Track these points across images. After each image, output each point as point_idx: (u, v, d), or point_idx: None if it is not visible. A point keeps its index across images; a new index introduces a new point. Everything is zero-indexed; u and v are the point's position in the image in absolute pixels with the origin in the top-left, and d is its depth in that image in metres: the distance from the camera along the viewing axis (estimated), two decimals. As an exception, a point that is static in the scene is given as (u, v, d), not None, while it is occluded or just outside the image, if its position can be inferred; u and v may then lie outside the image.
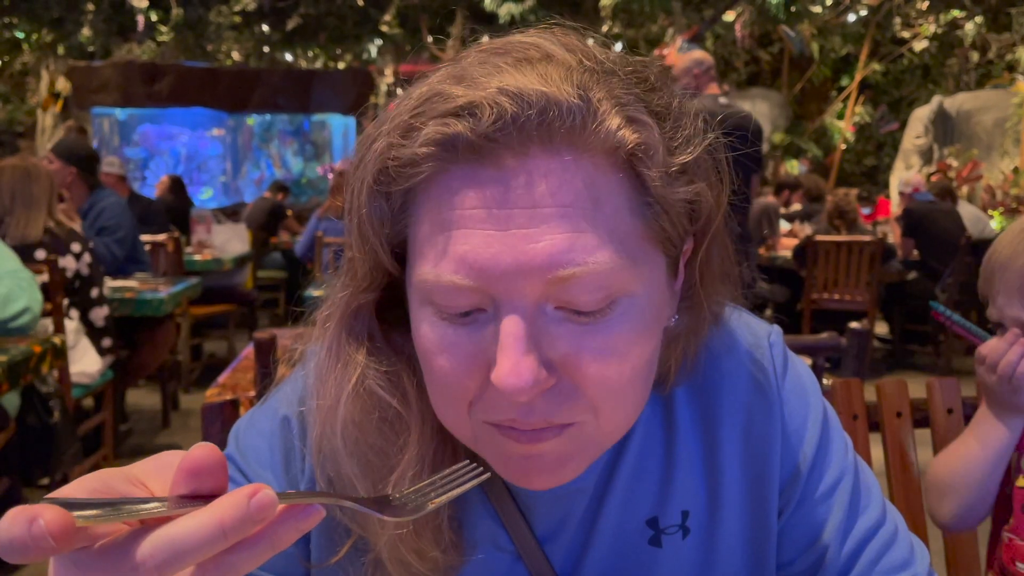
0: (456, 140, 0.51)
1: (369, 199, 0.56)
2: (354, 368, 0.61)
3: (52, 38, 10.62)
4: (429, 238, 0.54)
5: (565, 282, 0.52)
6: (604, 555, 0.69)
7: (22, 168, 3.37)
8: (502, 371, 0.51)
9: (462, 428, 0.59)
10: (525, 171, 0.51)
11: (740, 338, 0.73)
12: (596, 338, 0.54)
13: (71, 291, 3.42)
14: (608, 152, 0.53)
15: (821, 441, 0.72)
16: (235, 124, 11.11)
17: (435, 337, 0.55)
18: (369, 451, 0.61)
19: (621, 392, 0.56)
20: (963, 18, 10.95)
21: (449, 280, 0.53)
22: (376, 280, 0.60)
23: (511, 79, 0.52)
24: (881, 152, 14.36)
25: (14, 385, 2.55)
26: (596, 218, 0.52)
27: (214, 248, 5.89)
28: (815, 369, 1.88)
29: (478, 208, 0.52)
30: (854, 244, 5.56)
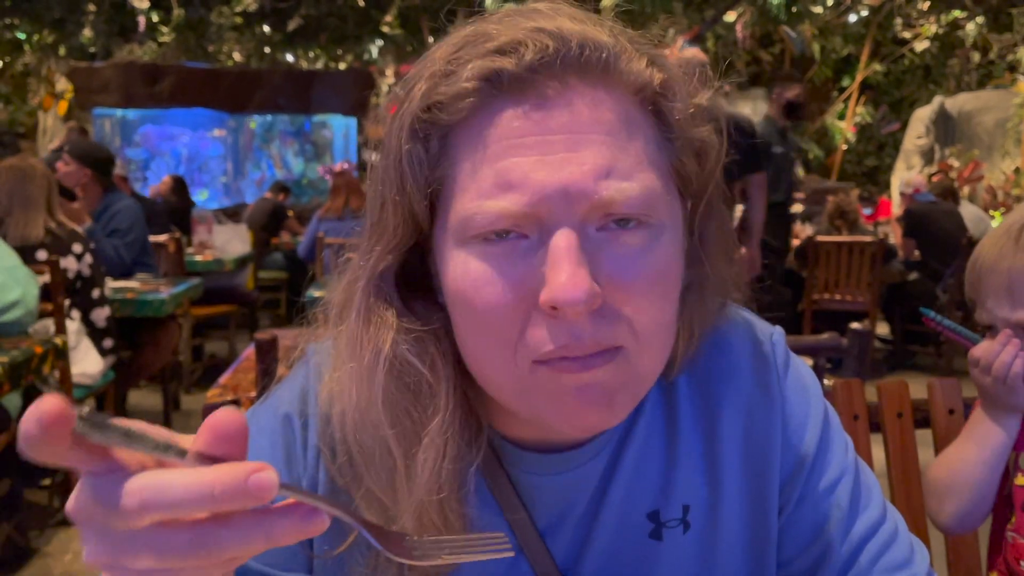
0: (501, 74, 0.55)
1: (407, 143, 0.57)
2: (387, 329, 0.62)
3: (53, 39, 10.63)
4: (473, 172, 0.56)
5: (611, 199, 0.54)
6: (605, 548, 0.70)
7: (18, 169, 3.37)
8: (557, 283, 0.52)
9: (508, 377, 0.58)
10: (565, 101, 0.55)
11: (743, 335, 0.74)
12: (637, 259, 0.56)
13: (72, 292, 3.42)
14: (636, 89, 0.58)
15: (822, 440, 0.72)
16: (236, 125, 11.11)
17: (477, 272, 0.56)
18: (404, 416, 0.61)
19: (658, 315, 0.58)
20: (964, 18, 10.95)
21: (497, 207, 0.54)
22: (405, 236, 0.61)
23: (545, 20, 0.56)
24: (882, 152, 14.35)
25: (15, 386, 2.56)
26: (631, 146, 0.56)
27: (215, 249, 5.89)
28: (816, 369, 1.88)
29: (524, 136, 0.55)
30: (855, 245, 5.56)
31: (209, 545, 0.40)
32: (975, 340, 1.14)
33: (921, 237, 5.98)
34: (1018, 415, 1.11)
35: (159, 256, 4.96)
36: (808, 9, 8.90)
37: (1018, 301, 1.07)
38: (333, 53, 11.96)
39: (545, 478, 0.69)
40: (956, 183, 9.24)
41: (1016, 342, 1.07)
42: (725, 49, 12.09)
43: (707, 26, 9.42)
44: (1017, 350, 1.07)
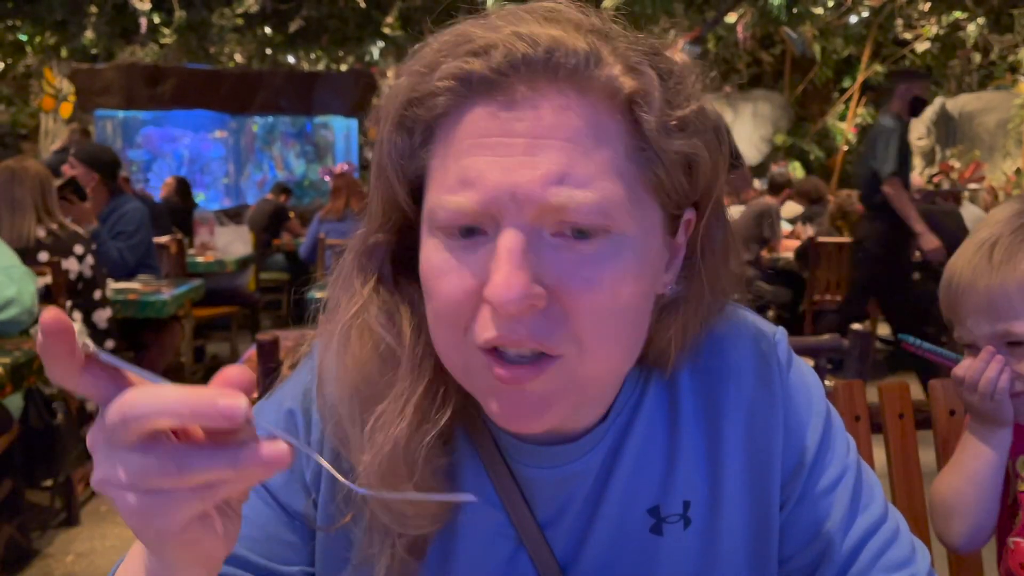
0: (471, 75, 0.56)
1: (392, 133, 0.61)
2: (357, 300, 0.66)
3: (55, 40, 10.63)
4: (441, 166, 0.59)
5: (561, 205, 0.55)
6: (605, 542, 0.71)
7: (7, 170, 3.37)
8: (494, 282, 0.55)
9: (455, 355, 0.61)
10: (531, 104, 0.56)
11: (746, 333, 0.75)
12: (588, 267, 0.57)
13: (74, 293, 3.42)
14: (609, 95, 0.57)
15: (823, 439, 0.73)
16: (238, 126, 11.11)
17: (438, 261, 0.59)
18: (361, 381, 0.65)
19: (606, 327, 0.58)
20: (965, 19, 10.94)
21: (454, 203, 0.57)
22: (390, 219, 0.64)
23: (524, 23, 0.58)
24: (883, 153, 14.34)
25: (17, 387, 2.56)
26: (595, 153, 0.56)
27: (217, 250, 5.89)
28: (817, 370, 1.88)
29: (486, 136, 0.56)
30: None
31: (178, 462, 0.43)
32: (956, 360, 1.15)
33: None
34: (1008, 427, 1.12)
35: (161, 257, 4.97)
36: (809, 10, 8.89)
37: (998, 316, 1.07)
38: (334, 55, 11.97)
39: (544, 471, 0.70)
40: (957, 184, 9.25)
41: (1000, 358, 1.08)
42: (726, 50, 12.10)
43: (708, 27, 9.42)
44: (1001, 366, 1.07)
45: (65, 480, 3.19)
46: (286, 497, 0.71)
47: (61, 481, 3.18)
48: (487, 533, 0.70)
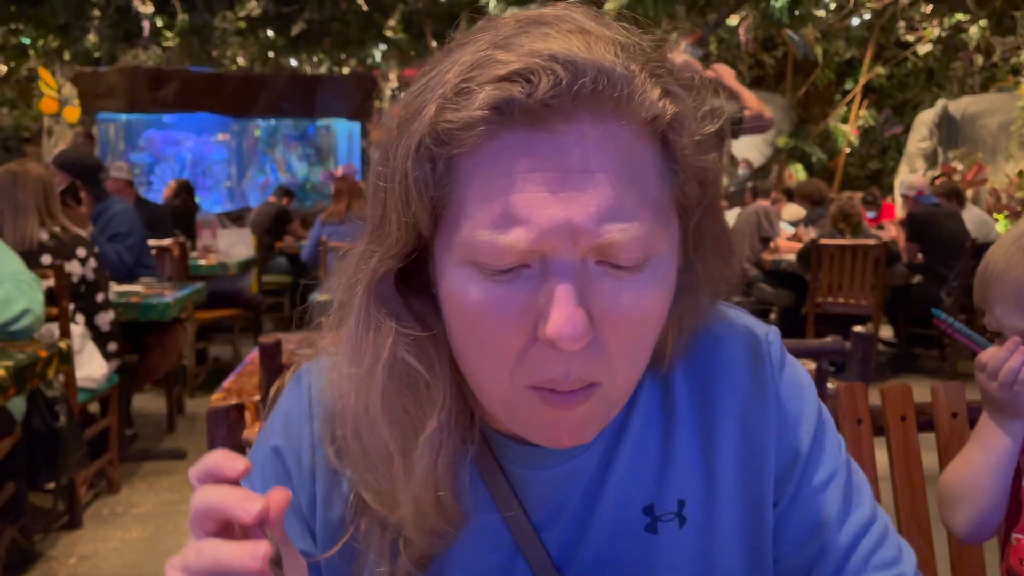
0: (512, 104, 0.53)
1: (415, 163, 0.56)
2: (386, 336, 0.63)
3: (58, 44, 10.66)
4: (480, 200, 0.56)
5: (612, 240, 0.55)
6: (600, 542, 0.71)
7: (9, 173, 3.37)
8: (557, 322, 0.54)
9: (499, 392, 0.60)
10: (576, 136, 0.54)
11: (739, 332, 0.75)
12: (631, 295, 0.57)
13: (77, 296, 3.43)
14: (647, 122, 0.56)
15: (815, 438, 0.74)
16: (240, 129, 11.13)
17: (479, 297, 0.57)
18: (402, 415, 0.64)
19: (639, 352, 0.61)
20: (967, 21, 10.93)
21: (502, 241, 0.55)
22: (408, 245, 0.61)
23: (559, 46, 0.54)
24: (885, 156, 14.34)
25: (20, 390, 2.56)
26: (635, 183, 0.56)
27: (219, 253, 5.90)
28: (819, 373, 1.88)
29: (532, 171, 0.54)
30: (859, 248, 5.56)
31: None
32: (983, 345, 1.14)
33: (924, 240, 5.97)
34: (1022, 421, 1.11)
35: (164, 260, 4.97)
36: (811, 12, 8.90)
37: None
38: (337, 58, 11.98)
39: (538, 472, 0.70)
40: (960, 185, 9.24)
41: (1023, 349, 1.08)
42: (728, 53, 12.10)
43: (710, 30, 9.42)
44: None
45: (68, 483, 3.20)
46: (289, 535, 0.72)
47: (64, 484, 3.19)
48: (482, 537, 0.70)
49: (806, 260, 5.71)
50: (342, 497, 0.70)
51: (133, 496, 3.63)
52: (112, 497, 3.60)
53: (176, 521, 3.35)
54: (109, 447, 3.62)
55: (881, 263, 5.49)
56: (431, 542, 0.66)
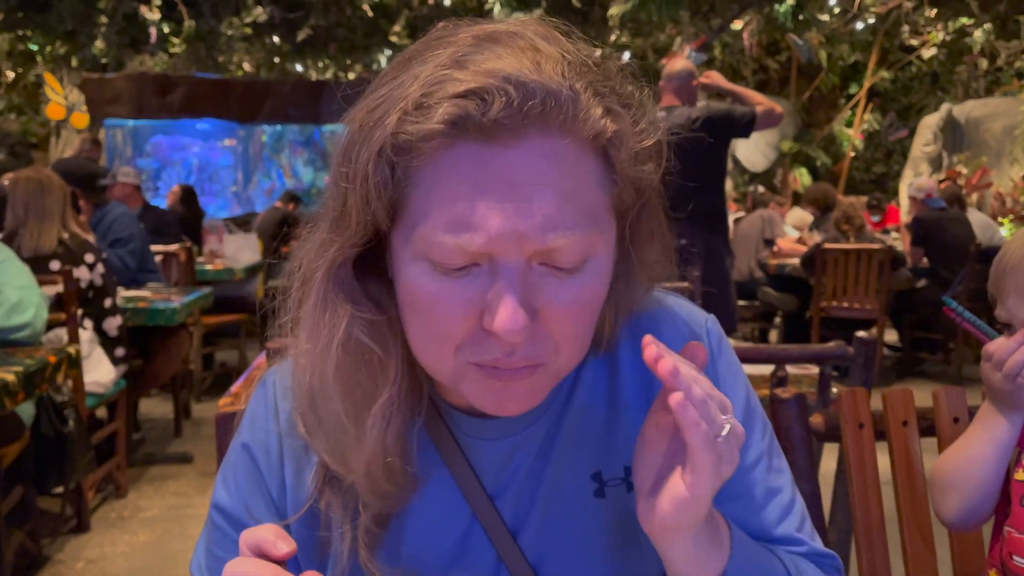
0: (467, 120, 0.58)
1: (375, 167, 0.62)
2: (342, 317, 0.68)
3: (65, 50, 10.70)
4: (436, 205, 0.61)
5: (555, 248, 0.61)
6: (552, 507, 0.76)
7: (35, 180, 3.41)
8: (501, 318, 0.60)
9: (444, 367, 0.67)
10: (524, 152, 0.60)
11: (680, 318, 0.81)
12: (571, 291, 0.63)
13: (85, 301, 3.45)
14: (590, 139, 0.62)
15: (743, 422, 0.79)
16: (246, 134, 11.17)
17: (432, 289, 0.63)
18: (356, 390, 0.70)
19: (580, 335, 0.67)
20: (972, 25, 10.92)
21: (455, 243, 0.60)
22: (366, 237, 0.66)
23: (511, 66, 0.59)
24: (890, 160, 14.32)
25: (30, 394, 2.59)
26: (577, 194, 0.62)
27: (226, 258, 5.92)
28: (822, 378, 1.89)
29: (484, 182, 0.60)
30: (863, 252, 5.55)
31: None
32: (992, 335, 1.15)
33: (930, 245, 5.97)
34: (1022, 415, 1.12)
35: (171, 265, 4.99)
36: (815, 17, 8.90)
37: None
38: (342, 63, 12.01)
39: (489, 442, 0.76)
40: (964, 190, 9.22)
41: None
42: (732, 57, 12.10)
43: (714, 35, 9.43)
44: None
45: (76, 487, 3.21)
46: None
47: (72, 488, 3.21)
48: (439, 506, 0.75)
49: (810, 264, 5.71)
50: (308, 476, 0.75)
51: (140, 500, 3.65)
52: (119, 501, 3.62)
53: (183, 525, 3.36)
54: (116, 451, 3.64)
55: (886, 267, 5.49)
56: (385, 503, 0.72)
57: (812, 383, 2.12)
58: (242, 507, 0.77)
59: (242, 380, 2.16)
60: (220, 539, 0.78)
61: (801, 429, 1.20)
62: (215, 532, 0.79)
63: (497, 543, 0.75)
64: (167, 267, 4.97)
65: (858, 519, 1.22)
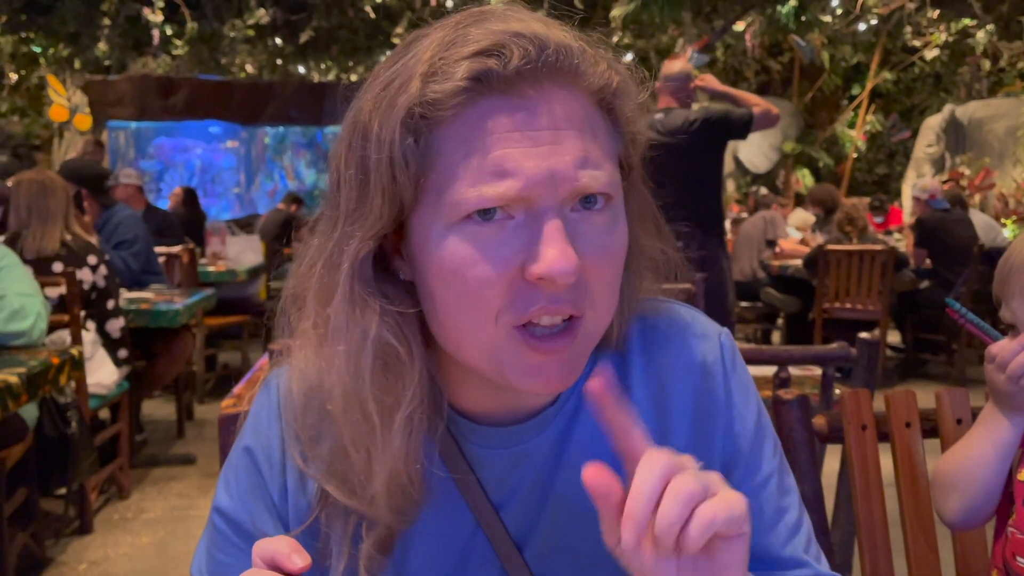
0: (490, 75, 0.60)
1: (402, 136, 0.62)
2: (372, 313, 0.66)
3: (68, 52, 10.71)
4: (466, 161, 0.61)
5: (587, 185, 0.62)
6: (559, 519, 0.74)
7: (38, 182, 3.42)
8: (551, 258, 0.60)
9: (484, 340, 0.64)
10: (543, 100, 0.62)
11: (695, 329, 0.80)
12: (603, 235, 0.65)
13: (88, 303, 3.46)
14: (598, 89, 0.65)
15: (756, 438, 0.78)
16: (249, 136, 11.18)
17: (468, 250, 0.62)
18: (384, 393, 0.67)
19: (612, 288, 0.67)
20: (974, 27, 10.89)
21: (493, 191, 0.61)
22: (390, 221, 0.65)
23: (518, 23, 0.63)
24: (893, 161, 14.31)
25: (33, 396, 2.59)
26: (596, 138, 0.65)
27: (228, 259, 5.93)
28: (825, 379, 1.89)
29: (511, 131, 0.61)
30: (865, 253, 5.55)
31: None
32: (996, 337, 1.15)
33: (933, 246, 5.96)
34: None
35: (174, 267, 5.00)
36: (817, 18, 8.89)
37: None
38: (345, 65, 12.02)
39: (495, 451, 0.74)
40: (967, 191, 9.21)
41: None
42: (735, 59, 12.10)
43: (716, 36, 9.43)
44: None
45: (79, 488, 3.22)
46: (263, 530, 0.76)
47: (75, 489, 3.21)
48: (443, 515, 0.74)
49: (813, 265, 5.71)
50: (311, 483, 0.74)
51: (143, 502, 3.65)
52: (122, 503, 3.63)
53: (185, 526, 3.36)
54: (119, 453, 3.65)
55: (888, 268, 5.49)
56: (397, 519, 0.70)
57: (815, 384, 2.12)
58: (243, 512, 0.76)
59: (244, 381, 2.16)
60: (221, 542, 0.78)
61: (804, 431, 1.20)
62: (216, 535, 0.78)
63: (501, 555, 0.74)
64: (170, 269, 4.98)
65: (861, 521, 1.22)
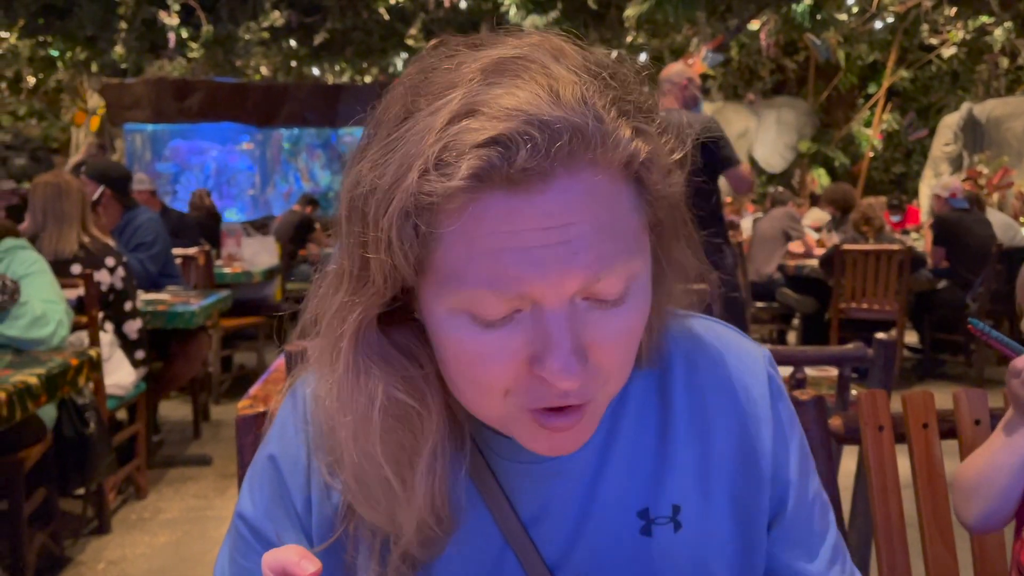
0: (492, 172, 0.55)
1: (400, 230, 0.58)
2: (377, 381, 0.65)
3: (86, 56, 10.81)
4: (467, 261, 0.57)
5: (599, 287, 0.58)
6: (594, 543, 0.71)
7: (53, 184, 3.44)
8: (554, 368, 0.58)
9: (492, 413, 0.64)
10: (554, 193, 0.56)
11: (739, 351, 0.78)
12: (618, 322, 0.61)
13: (106, 305, 3.48)
14: (622, 165, 0.59)
15: (802, 460, 0.77)
16: (264, 138, 11.24)
17: (474, 343, 0.60)
18: (398, 449, 0.66)
19: (627, 364, 0.65)
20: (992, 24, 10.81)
21: (495, 296, 0.57)
22: (391, 294, 0.63)
23: (527, 102, 0.55)
24: (910, 160, 14.21)
25: (52, 397, 2.61)
26: (614, 225, 0.58)
27: (244, 261, 5.96)
28: (841, 380, 1.88)
29: (516, 230, 0.56)
30: (882, 253, 5.51)
31: None
32: (1020, 351, 1.14)
33: (951, 245, 5.91)
34: None
35: (189, 268, 5.03)
36: (833, 16, 8.84)
37: None
38: (359, 67, 12.07)
39: (525, 465, 0.71)
40: (985, 190, 9.13)
41: None
42: (749, 58, 12.07)
43: (731, 35, 9.40)
44: None
45: (97, 489, 3.24)
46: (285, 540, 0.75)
47: (93, 490, 3.24)
48: (470, 531, 0.71)
49: (829, 265, 5.68)
50: (335, 497, 0.72)
51: (160, 502, 3.67)
52: (140, 503, 3.65)
53: (202, 527, 3.38)
54: (136, 453, 3.67)
55: (905, 268, 5.44)
56: (428, 551, 0.69)
57: (831, 385, 2.11)
58: (267, 520, 0.75)
59: (261, 382, 2.17)
60: (243, 548, 0.76)
61: (820, 431, 1.19)
62: (239, 541, 0.77)
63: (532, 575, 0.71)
64: (186, 270, 5.01)
65: (878, 522, 1.21)
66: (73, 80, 11.59)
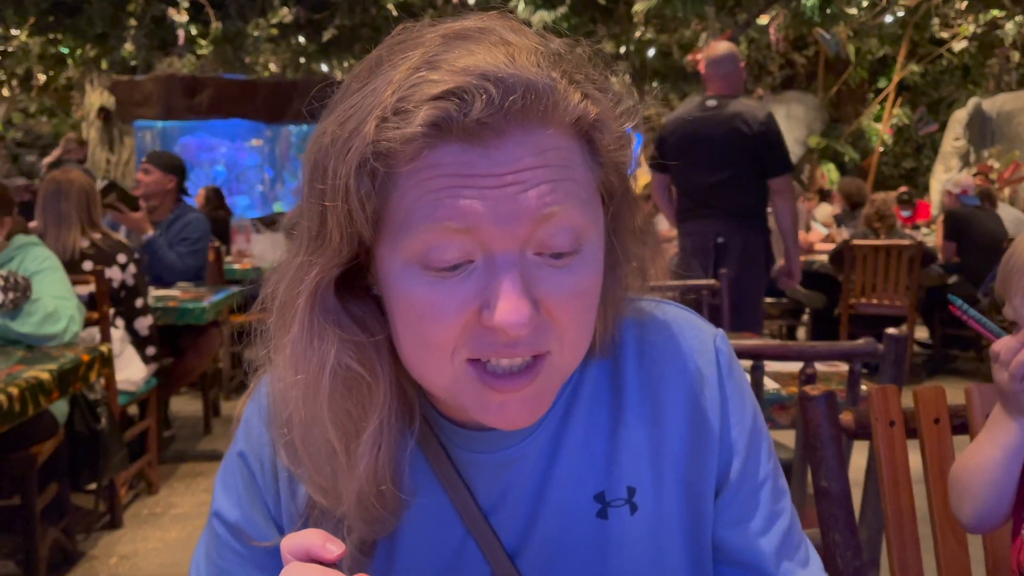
0: (449, 122, 0.57)
1: (357, 180, 0.59)
2: (330, 344, 0.65)
3: (96, 53, 10.86)
4: (423, 208, 0.59)
5: (549, 236, 0.60)
6: (551, 527, 0.73)
7: (53, 184, 3.46)
8: (504, 311, 0.59)
9: (442, 376, 0.64)
10: (509, 143, 0.59)
11: (690, 331, 0.78)
12: (569, 279, 0.62)
13: (117, 301, 3.50)
14: (572, 123, 0.61)
15: (752, 440, 0.77)
16: (273, 135, 11.26)
17: (426, 293, 0.61)
18: (345, 417, 0.67)
19: (582, 326, 0.65)
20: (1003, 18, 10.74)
21: (448, 241, 0.59)
22: (349, 254, 0.64)
23: (485, 62, 0.58)
24: (920, 154, 14.14)
25: (63, 393, 2.63)
26: (565, 179, 0.61)
27: (253, 257, 5.98)
28: (852, 375, 1.87)
29: (471, 178, 0.58)
30: (892, 248, 5.49)
31: None
32: (998, 334, 1.13)
33: (962, 240, 5.89)
34: None
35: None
36: (842, 10, 8.80)
37: None
38: (367, 63, 12.08)
39: (483, 455, 0.72)
40: (996, 185, 9.08)
41: None
42: (758, 52, 12.01)
43: (740, 30, 9.36)
44: None
45: (109, 484, 3.26)
46: (257, 536, 0.76)
47: (105, 485, 3.26)
48: (431, 519, 0.73)
49: (839, 261, 5.66)
50: (302, 489, 0.73)
51: (172, 497, 3.70)
52: (151, 498, 3.67)
53: (213, 522, 3.40)
54: (148, 449, 3.69)
55: (916, 263, 5.42)
56: (372, 529, 0.70)
57: (841, 381, 2.10)
58: (242, 517, 0.76)
59: (271, 378, 2.18)
60: (220, 547, 0.77)
61: (831, 427, 1.19)
62: (214, 540, 0.78)
63: (493, 562, 0.72)
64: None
65: (889, 517, 1.21)
66: (83, 78, 11.63)
